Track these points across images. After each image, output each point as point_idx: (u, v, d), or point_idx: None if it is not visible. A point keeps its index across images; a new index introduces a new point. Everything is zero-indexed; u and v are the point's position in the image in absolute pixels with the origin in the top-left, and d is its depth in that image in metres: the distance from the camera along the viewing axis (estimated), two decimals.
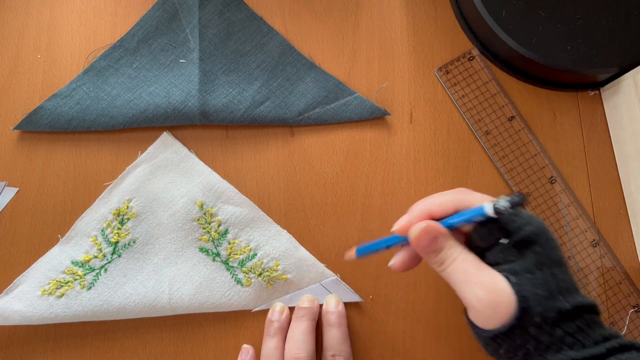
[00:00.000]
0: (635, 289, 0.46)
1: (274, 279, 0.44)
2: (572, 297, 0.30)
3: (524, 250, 0.31)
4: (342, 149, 0.48)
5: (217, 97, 0.47)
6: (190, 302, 0.44)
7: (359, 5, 0.51)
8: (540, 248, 0.31)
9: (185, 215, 0.45)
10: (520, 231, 0.31)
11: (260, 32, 0.49)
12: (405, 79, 0.50)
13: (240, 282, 0.44)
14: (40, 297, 0.43)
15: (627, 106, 0.46)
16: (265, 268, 0.44)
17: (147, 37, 0.48)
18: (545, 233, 0.31)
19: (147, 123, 0.47)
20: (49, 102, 0.47)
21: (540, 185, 0.48)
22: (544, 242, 0.31)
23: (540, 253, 0.31)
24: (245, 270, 0.45)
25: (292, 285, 0.45)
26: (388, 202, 0.47)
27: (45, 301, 0.43)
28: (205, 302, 0.44)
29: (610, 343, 0.29)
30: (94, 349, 0.44)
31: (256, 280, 0.44)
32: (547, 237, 0.31)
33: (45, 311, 0.42)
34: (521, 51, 0.46)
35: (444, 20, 0.51)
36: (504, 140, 0.48)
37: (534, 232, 0.31)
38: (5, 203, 0.46)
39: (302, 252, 0.45)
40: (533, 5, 0.47)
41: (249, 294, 0.44)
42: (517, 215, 0.32)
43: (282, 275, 0.45)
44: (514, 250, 0.31)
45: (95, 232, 0.45)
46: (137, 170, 0.46)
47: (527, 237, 0.31)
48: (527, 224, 0.31)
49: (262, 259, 0.45)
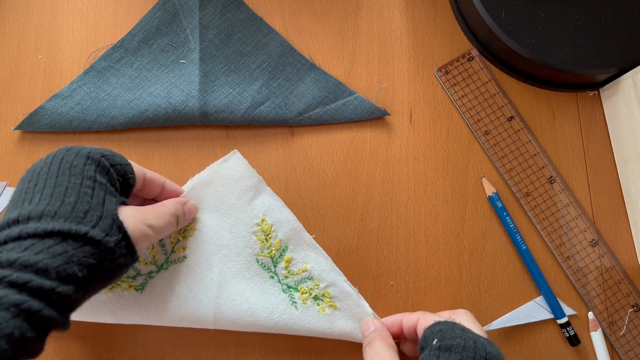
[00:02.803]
0: (634, 289, 0.46)
1: (326, 305, 0.43)
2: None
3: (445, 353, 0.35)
4: (342, 149, 0.48)
5: (218, 97, 0.47)
6: (237, 319, 0.42)
7: (359, 5, 0.51)
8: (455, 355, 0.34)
9: (245, 229, 0.44)
10: (446, 340, 0.35)
11: (260, 33, 0.49)
12: (405, 79, 0.50)
13: (295, 304, 0.43)
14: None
15: (626, 106, 0.46)
16: (320, 292, 0.44)
17: (147, 37, 0.48)
18: (460, 351, 0.34)
19: (148, 123, 0.47)
20: (49, 103, 0.47)
21: (539, 185, 0.48)
22: (462, 351, 0.34)
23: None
24: (302, 291, 0.43)
25: (338, 317, 0.43)
26: (388, 202, 0.47)
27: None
28: (254, 322, 0.42)
29: None
30: (95, 348, 0.44)
31: (311, 303, 0.43)
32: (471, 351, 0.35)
33: (88, 306, 0.41)
34: (520, 51, 0.46)
35: (444, 20, 0.51)
36: (503, 140, 0.49)
37: (458, 344, 0.35)
38: (6, 203, 0.46)
39: (346, 285, 0.44)
40: (532, 5, 0.47)
41: (299, 317, 0.43)
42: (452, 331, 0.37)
43: (334, 303, 0.44)
44: (437, 352, 0.35)
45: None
46: (205, 186, 0.44)
47: (450, 346, 0.35)
48: (455, 338, 0.35)
49: (318, 283, 0.44)
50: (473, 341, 0.35)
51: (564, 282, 0.47)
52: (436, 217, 0.47)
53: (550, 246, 0.47)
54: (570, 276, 0.46)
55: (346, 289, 0.44)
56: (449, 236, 0.47)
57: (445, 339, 0.35)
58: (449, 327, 0.36)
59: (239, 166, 0.45)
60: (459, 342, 0.34)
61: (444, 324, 0.37)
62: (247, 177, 0.45)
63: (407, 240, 0.47)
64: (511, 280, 0.47)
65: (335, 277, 0.44)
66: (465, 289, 0.46)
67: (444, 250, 0.47)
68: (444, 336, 0.36)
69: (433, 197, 0.48)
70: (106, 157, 0.35)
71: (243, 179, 0.45)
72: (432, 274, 0.46)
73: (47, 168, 0.33)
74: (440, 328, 0.37)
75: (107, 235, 0.32)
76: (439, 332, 0.36)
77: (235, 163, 0.45)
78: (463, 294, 0.46)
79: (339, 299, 0.44)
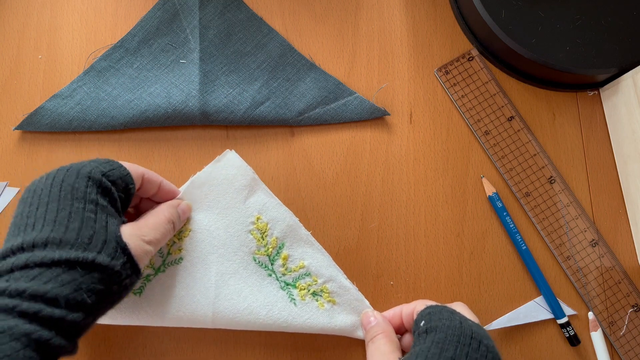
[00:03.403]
0: (634, 289, 0.46)
1: (325, 301, 0.43)
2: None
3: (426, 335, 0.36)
4: (342, 149, 0.48)
5: (218, 97, 0.47)
6: (236, 317, 0.42)
7: (359, 5, 0.51)
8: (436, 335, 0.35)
9: (240, 228, 0.44)
10: (432, 322, 0.36)
11: (260, 33, 0.49)
12: (405, 79, 0.50)
13: (294, 300, 0.43)
14: None
15: (626, 106, 0.46)
16: (319, 288, 0.44)
17: (147, 37, 0.48)
18: (445, 330, 0.35)
19: (148, 123, 0.47)
20: (49, 103, 0.47)
21: (539, 185, 0.48)
22: (447, 330, 0.35)
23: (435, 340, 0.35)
24: (301, 287, 0.43)
25: (338, 312, 0.43)
26: (388, 202, 0.47)
27: None
28: (253, 320, 0.42)
29: None
30: (94, 347, 0.44)
31: (310, 299, 0.43)
32: (448, 331, 0.35)
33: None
34: (520, 51, 0.46)
35: (444, 20, 0.51)
36: (503, 140, 0.49)
37: (443, 324, 0.35)
38: (6, 203, 0.46)
39: (345, 280, 0.44)
40: (532, 5, 0.47)
41: (298, 314, 0.43)
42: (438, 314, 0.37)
43: (332, 299, 0.44)
44: (424, 334, 0.36)
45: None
46: (199, 187, 0.44)
47: (436, 327, 0.36)
48: (442, 319, 0.36)
49: (316, 279, 0.44)
50: (459, 321, 0.35)
51: (564, 282, 0.47)
52: (436, 217, 0.47)
53: (550, 246, 0.47)
54: (570, 276, 0.46)
55: (345, 283, 0.44)
56: (449, 236, 0.47)
57: (432, 321, 0.36)
58: (438, 310, 0.37)
59: (232, 165, 0.45)
60: (444, 323, 0.35)
61: (433, 308, 0.38)
62: (241, 175, 0.45)
63: (407, 240, 0.47)
64: (511, 280, 0.47)
65: (333, 272, 0.44)
66: (465, 289, 0.46)
67: (444, 250, 0.47)
68: (431, 318, 0.36)
69: (433, 197, 0.48)
70: (106, 175, 0.35)
71: (237, 177, 0.45)
72: (432, 274, 0.46)
73: (47, 190, 0.33)
74: (429, 311, 0.37)
75: (113, 259, 0.32)
76: (428, 314, 0.37)
77: (229, 162, 0.45)
78: (463, 294, 0.46)
79: (337, 294, 0.44)
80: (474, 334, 0.34)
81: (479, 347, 0.34)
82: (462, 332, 0.34)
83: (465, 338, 0.34)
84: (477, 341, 0.34)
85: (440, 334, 0.34)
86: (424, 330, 0.36)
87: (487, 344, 0.34)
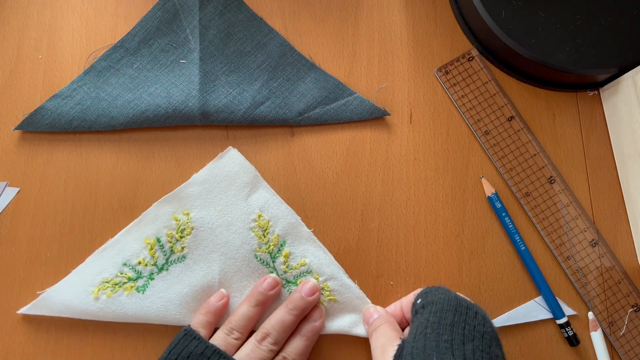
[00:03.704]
0: (634, 289, 0.46)
1: (326, 299, 0.43)
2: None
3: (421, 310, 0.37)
4: (342, 149, 0.48)
5: (218, 97, 0.47)
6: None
7: (359, 5, 0.51)
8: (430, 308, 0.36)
9: (242, 225, 0.44)
10: (429, 297, 0.37)
11: (260, 33, 0.49)
12: (404, 79, 0.50)
13: None
14: (90, 293, 0.42)
15: (626, 106, 0.46)
16: (320, 286, 0.44)
17: (147, 37, 0.49)
18: (442, 302, 0.36)
19: (148, 123, 0.47)
20: (49, 103, 0.47)
21: (539, 185, 0.48)
22: (443, 302, 0.36)
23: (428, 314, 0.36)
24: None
25: (339, 310, 0.44)
26: (388, 202, 0.47)
27: (94, 297, 0.42)
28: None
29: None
30: (94, 347, 0.44)
31: None
32: (439, 304, 0.36)
33: (90, 307, 0.42)
34: (520, 51, 0.46)
35: (444, 20, 0.51)
36: (503, 140, 0.49)
37: (439, 299, 0.36)
38: (6, 203, 0.46)
39: (346, 278, 0.44)
40: (532, 5, 0.47)
41: None
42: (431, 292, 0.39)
43: (333, 297, 0.44)
44: (421, 310, 0.37)
45: (150, 241, 0.44)
46: (201, 184, 0.45)
47: (432, 301, 0.37)
48: (438, 295, 0.37)
49: (318, 276, 0.44)
50: (455, 295, 0.36)
51: (564, 282, 0.47)
52: (436, 217, 0.47)
53: (550, 246, 0.47)
54: (570, 276, 0.47)
55: (346, 281, 0.44)
56: (449, 236, 0.47)
57: (428, 297, 0.37)
58: (435, 288, 0.38)
59: (234, 163, 0.46)
60: (440, 297, 0.36)
61: (430, 287, 0.39)
62: (242, 173, 0.45)
63: (407, 240, 0.47)
64: (511, 280, 0.47)
65: (335, 270, 0.44)
66: (465, 289, 0.46)
67: (444, 250, 0.47)
68: (427, 295, 0.37)
69: (433, 197, 0.48)
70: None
71: (239, 175, 0.45)
72: (432, 274, 0.46)
73: None
74: (426, 291, 0.39)
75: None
76: (424, 293, 0.38)
77: (231, 160, 0.46)
78: (463, 294, 0.46)
79: (338, 292, 0.44)
80: (470, 305, 0.36)
81: (476, 316, 0.35)
82: (458, 303, 0.35)
83: (461, 308, 0.35)
84: (473, 311, 0.35)
85: (438, 305, 0.35)
86: (421, 306, 0.37)
87: (484, 315, 0.35)
